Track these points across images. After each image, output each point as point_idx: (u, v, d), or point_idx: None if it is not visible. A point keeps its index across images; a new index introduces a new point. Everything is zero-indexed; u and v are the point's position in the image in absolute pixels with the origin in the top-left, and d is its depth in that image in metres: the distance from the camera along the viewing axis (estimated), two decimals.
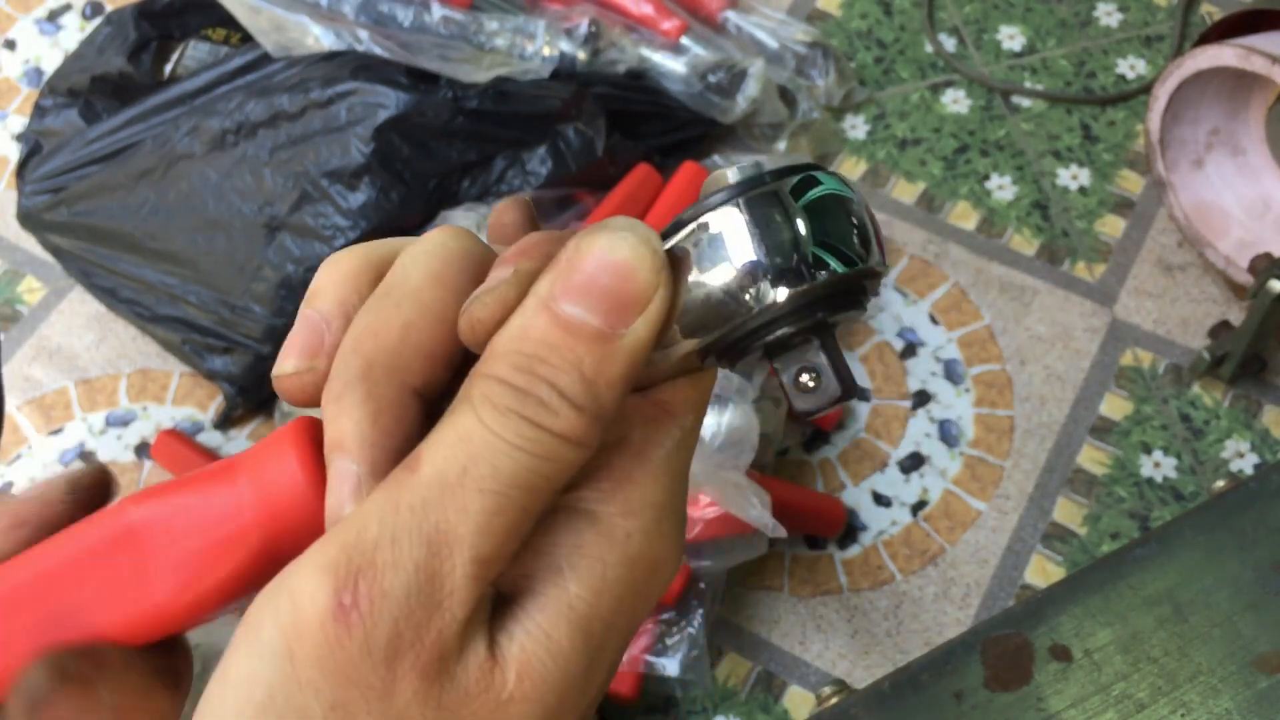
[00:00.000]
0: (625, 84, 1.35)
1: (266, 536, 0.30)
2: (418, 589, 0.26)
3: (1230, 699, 0.57)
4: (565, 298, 0.26)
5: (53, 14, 1.56)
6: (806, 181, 0.28)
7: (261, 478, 0.30)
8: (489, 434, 0.27)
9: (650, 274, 0.26)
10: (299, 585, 0.27)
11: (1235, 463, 1.21)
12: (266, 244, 1.23)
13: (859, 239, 0.28)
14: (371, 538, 0.27)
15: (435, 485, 0.27)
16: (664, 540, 0.30)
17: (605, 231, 0.27)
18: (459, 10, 1.34)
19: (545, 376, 0.26)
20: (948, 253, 1.34)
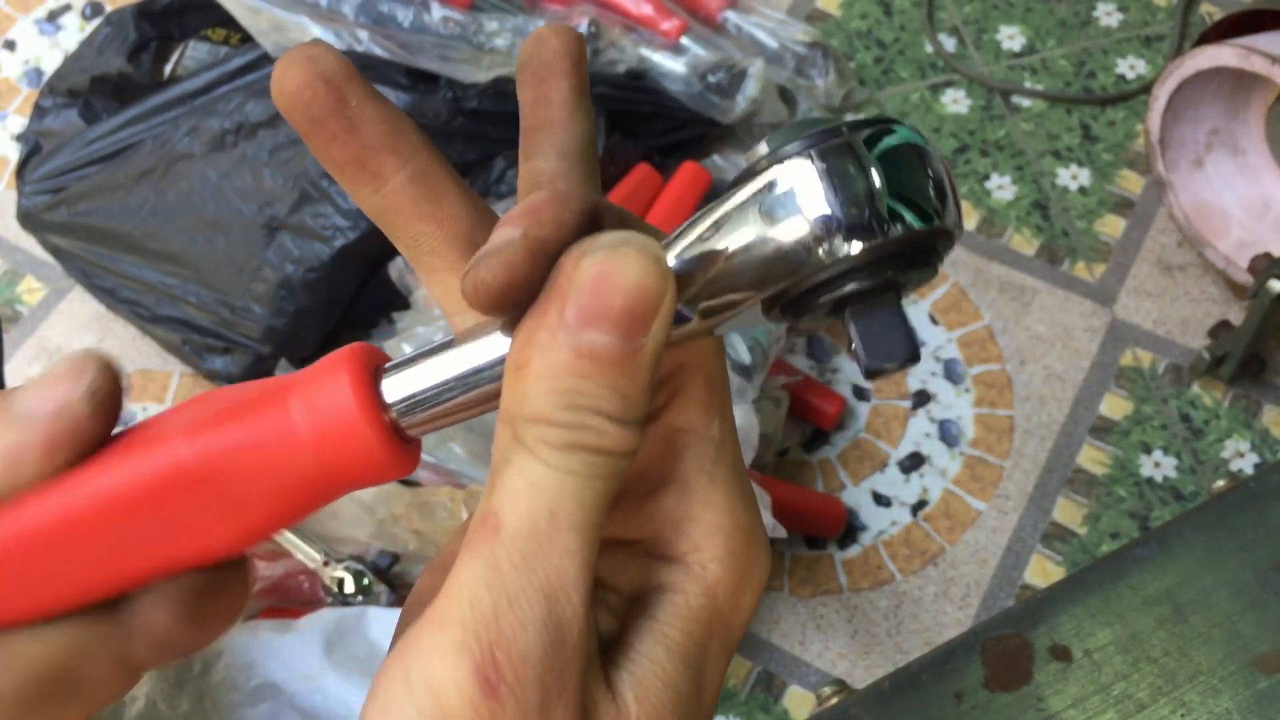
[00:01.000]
0: (625, 84, 1.35)
1: (317, 458, 0.29)
2: (550, 643, 0.27)
3: (1230, 699, 0.57)
4: (584, 328, 0.27)
5: (52, 14, 1.56)
6: (881, 133, 0.28)
7: (314, 405, 0.29)
8: (560, 474, 0.27)
9: (658, 282, 0.27)
10: (436, 674, 0.27)
11: (1235, 462, 1.21)
12: (266, 244, 1.23)
13: (935, 193, 0.28)
14: (488, 607, 0.27)
15: (529, 537, 0.27)
16: (739, 560, 0.31)
17: (604, 251, 0.27)
18: (459, 10, 1.34)
19: (589, 406, 0.27)
20: None
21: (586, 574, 0.28)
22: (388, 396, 0.30)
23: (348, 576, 1.09)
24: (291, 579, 1.13)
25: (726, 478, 0.32)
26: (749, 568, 0.31)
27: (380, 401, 0.30)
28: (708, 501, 0.31)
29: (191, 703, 0.97)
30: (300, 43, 0.31)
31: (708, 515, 0.31)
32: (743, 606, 0.31)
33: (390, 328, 1.24)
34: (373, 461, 0.30)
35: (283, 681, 0.98)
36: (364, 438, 0.29)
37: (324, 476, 0.30)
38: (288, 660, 0.99)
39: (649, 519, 0.32)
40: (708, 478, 0.31)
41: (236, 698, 0.97)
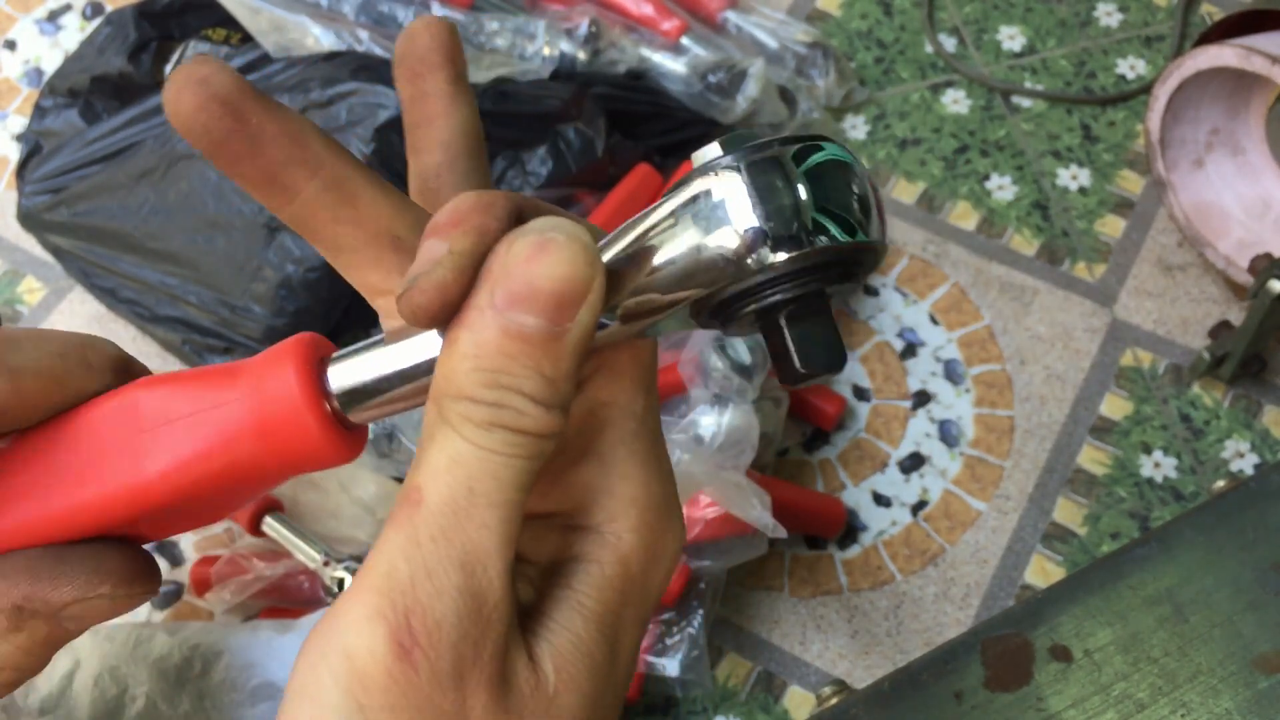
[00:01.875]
0: (625, 84, 1.35)
1: (258, 440, 0.30)
2: (466, 611, 0.28)
3: (1230, 699, 0.57)
4: (511, 308, 0.27)
5: (53, 14, 1.56)
6: (809, 149, 0.28)
7: (259, 384, 0.31)
8: (481, 451, 0.28)
9: (586, 268, 0.27)
10: (351, 640, 0.28)
11: (1235, 463, 1.21)
12: (266, 244, 1.23)
13: (860, 208, 0.28)
14: (405, 576, 0.28)
15: (449, 511, 0.28)
16: (653, 531, 0.32)
17: (533, 235, 0.28)
18: (459, 10, 1.34)
19: (512, 386, 0.28)
20: (948, 253, 1.34)
21: (505, 548, 0.28)
22: (332, 385, 0.31)
23: (348, 576, 1.09)
24: (291, 579, 1.13)
25: (644, 450, 0.33)
26: (661, 537, 0.32)
27: (324, 390, 0.31)
28: (625, 474, 0.32)
29: (191, 703, 0.97)
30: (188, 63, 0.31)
31: (623, 487, 0.32)
32: (656, 575, 0.32)
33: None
34: (315, 448, 0.31)
35: (283, 681, 0.98)
36: (307, 425, 0.30)
37: (268, 462, 0.31)
38: (288, 660, 0.99)
39: (568, 491, 0.33)
40: (626, 450, 0.32)
41: (237, 697, 0.97)
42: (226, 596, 1.11)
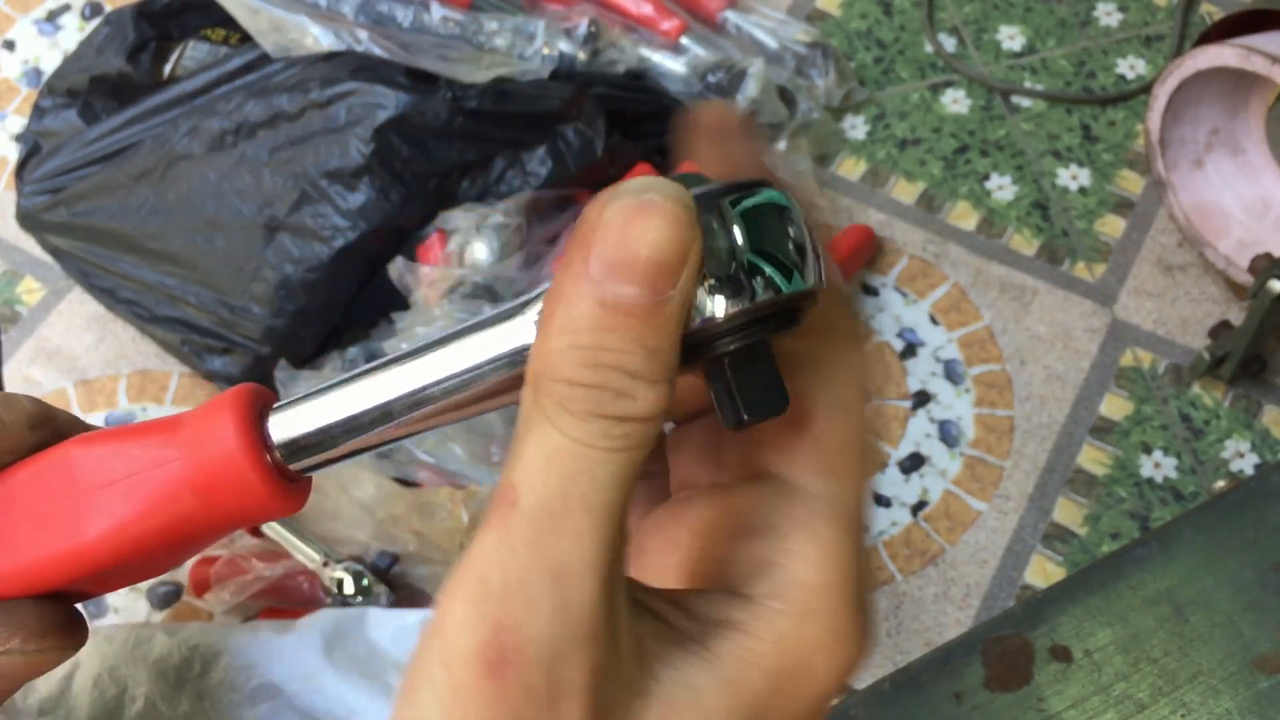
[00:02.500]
0: (625, 84, 1.35)
1: (199, 497, 0.30)
2: (562, 627, 0.26)
3: (1230, 699, 0.57)
4: (608, 280, 0.25)
5: (52, 14, 1.56)
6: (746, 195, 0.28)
7: (198, 436, 0.30)
8: (578, 445, 0.26)
9: (688, 229, 0.25)
10: (447, 650, 0.26)
11: (1235, 463, 1.21)
12: (266, 244, 1.23)
13: (798, 253, 0.28)
14: (498, 585, 0.26)
15: (542, 515, 0.26)
16: (821, 621, 0.29)
17: (629, 198, 0.25)
18: (459, 10, 1.34)
19: (613, 364, 0.25)
20: (948, 253, 1.34)
21: (603, 559, 0.26)
22: (274, 436, 0.30)
23: (347, 577, 1.09)
24: (291, 579, 1.13)
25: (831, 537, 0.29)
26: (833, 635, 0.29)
27: (265, 442, 0.30)
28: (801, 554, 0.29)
29: (191, 703, 0.97)
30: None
31: (797, 566, 0.29)
32: (816, 676, 0.28)
33: (390, 328, 1.24)
34: (257, 502, 0.30)
35: (282, 682, 0.98)
36: (247, 479, 0.29)
37: (210, 517, 0.30)
38: (287, 661, 0.99)
39: (733, 565, 0.30)
40: (807, 532, 0.29)
41: (236, 698, 0.97)
42: (226, 597, 1.11)
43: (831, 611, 0.29)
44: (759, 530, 0.30)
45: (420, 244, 1.24)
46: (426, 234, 1.24)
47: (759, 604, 0.28)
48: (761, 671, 0.28)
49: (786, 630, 0.28)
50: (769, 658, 0.28)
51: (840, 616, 0.29)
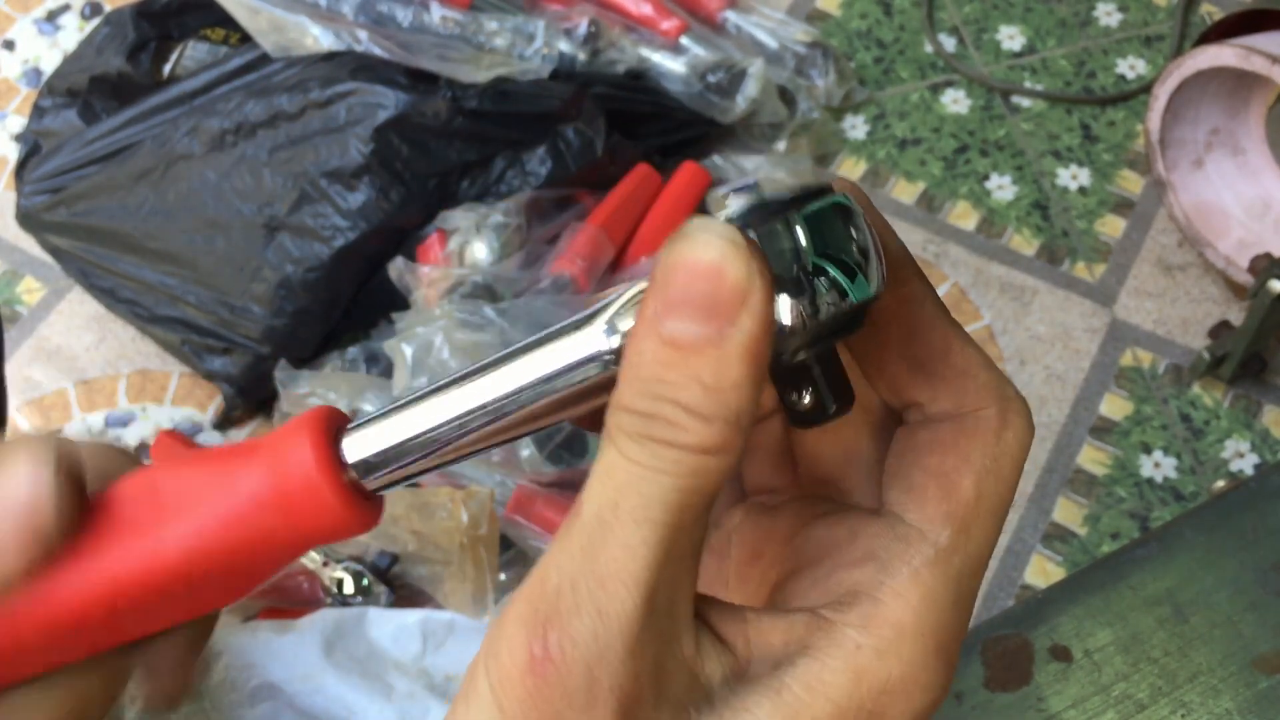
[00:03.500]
0: (625, 84, 1.35)
1: (277, 514, 0.31)
2: (605, 632, 0.26)
3: (1230, 699, 0.57)
4: (668, 316, 0.26)
5: (51, 14, 1.56)
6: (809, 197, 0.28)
7: (277, 457, 0.31)
8: (629, 463, 0.27)
9: (741, 266, 0.26)
10: (501, 642, 0.27)
11: (1235, 463, 1.21)
12: (265, 244, 1.23)
13: (864, 259, 0.28)
14: (554, 586, 0.27)
15: (596, 524, 0.27)
16: (904, 664, 0.28)
17: (685, 239, 0.26)
18: (458, 10, 1.34)
19: (668, 396, 0.26)
20: (948, 253, 1.34)
21: (649, 575, 0.26)
22: (348, 456, 0.31)
23: (347, 577, 1.09)
24: (291, 579, 1.13)
25: (938, 590, 0.29)
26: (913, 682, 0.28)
27: (340, 462, 0.31)
28: (901, 594, 0.29)
29: (191, 703, 0.97)
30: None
31: (893, 604, 0.28)
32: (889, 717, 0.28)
33: (390, 328, 1.24)
34: (334, 520, 0.31)
35: (282, 682, 0.98)
36: (324, 497, 0.30)
37: (287, 535, 0.31)
38: (287, 660, 0.99)
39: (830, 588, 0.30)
40: (913, 575, 0.29)
41: (236, 698, 0.97)
42: None
43: (916, 659, 0.28)
44: (861, 560, 0.30)
45: (420, 244, 1.24)
46: (426, 234, 1.24)
47: (840, 631, 0.28)
48: (828, 702, 0.28)
49: (864, 665, 0.28)
50: (839, 690, 0.28)
51: (924, 665, 0.28)
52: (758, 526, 0.34)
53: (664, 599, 0.27)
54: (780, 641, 0.29)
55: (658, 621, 0.27)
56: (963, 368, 0.30)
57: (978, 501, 0.29)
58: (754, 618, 0.29)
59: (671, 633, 0.28)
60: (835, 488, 0.34)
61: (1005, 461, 0.30)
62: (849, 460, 0.34)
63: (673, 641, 0.28)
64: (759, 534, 0.34)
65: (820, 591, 0.30)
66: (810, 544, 0.32)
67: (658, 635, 0.27)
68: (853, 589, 0.29)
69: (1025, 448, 0.30)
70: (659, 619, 0.27)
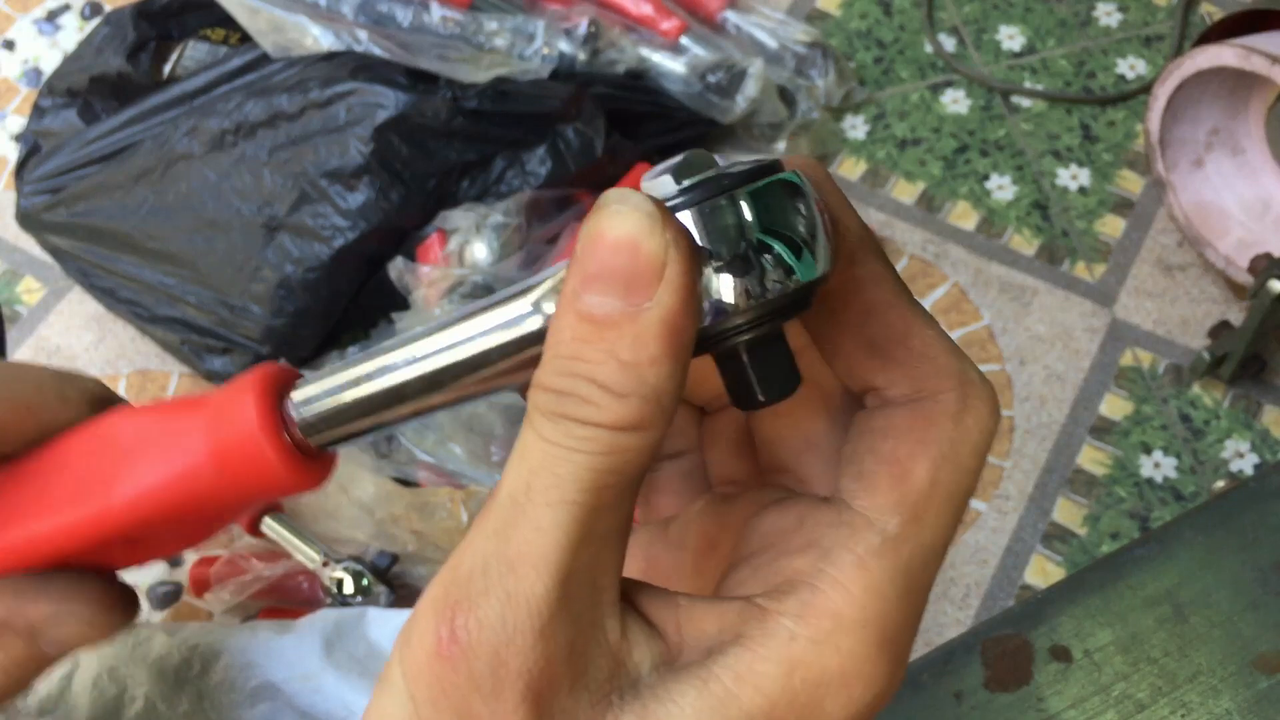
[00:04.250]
0: (625, 84, 1.35)
1: (219, 470, 0.31)
2: (513, 615, 0.26)
3: (1230, 699, 0.57)
4: (585, 290, 0.25)
5: (51, 14, 1.56)
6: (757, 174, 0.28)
7: (220, 415, 0.31)
8: (543, 442, 0.26)
9: (655, 239, 0.25)
10: (412, 628, 0.27)
11: (1235, 463, 1.21)
12: (265, 244, 1.23)
13: (811, 237, 0.27)
14: (466, 570, 0.26)
15: (509, 505, 0.26)
16: (842, 656, 0.27)
17: (601, 211, 0.26)
18: (458, 10, 1.34)
19: (583, 374, 0.26)
20: (948, 253, 1.34)
21: (562, 557, 0.26)
22: (295, 413, 0.31)
23: (347, 577, 1.09)
24: (291, 579, 1.13)
25: (884, 580, 0.27)
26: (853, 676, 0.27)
27: (284, 418, 0.31)
28: (842, 583, 0.27)
29: (190, 703, 0.97)
30: None
31: (833, 594, 0.27)
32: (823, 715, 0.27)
33: (390, 328, 1.24)
34: (276, 477, 0.31)
35: (282, 682, 0.98)
36: (265, 454, 0.31)
37: (230, 490, 0.31)
38: (287, 661, 0.99)
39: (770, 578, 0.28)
40: (857, 565, 0.27)
41: (235, 698, 0.97)
42: (225, 597, 1.11)
43: (857, 651, 0.27)
44: (803, 547, 0.28)
45: (420, 244, 1.24)
46: (426, 234, 1.24)
47: (774, 620, 0.27)
48: (758, 693, 0.27)
49: (798, 656, 0.27)
50: (770, 681, 0.27)
51: (865, 658, 0.27)
52: (715, 517, 0.33)
53: (581, 582, 0.26)
54: (714, 630, 0.28)
55: (574, 605, 0.26)
56: (921, 350, 0.29)
57: (932, 489, 0.28)
58: (687, 604, 0.28)
59: (591, 617, 0.27)
60: (793, 475, 0.33)
61: (964, 448, 0.29)
62: (806, 446, 0.32)
63: (593, 626, 0.27)
64: (715, 524, 0.33)
65: (760, 580, 0.29)
66: (758, 532, 0.31)
67: (574, 619, 0.26)
68: (792, 577, 0.28)
69: (988, 433, 0.29)
70: (575, 603, 0.26)
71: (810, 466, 0.32)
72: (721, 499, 0.34)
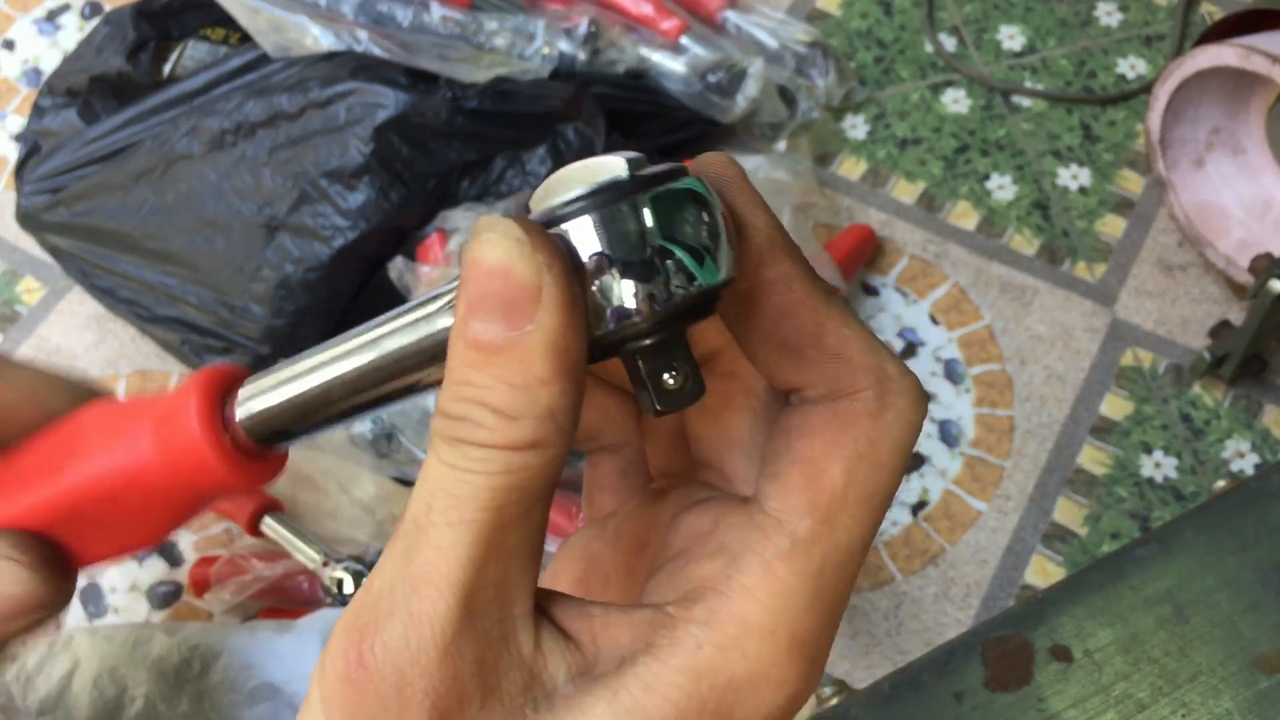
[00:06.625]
0: (625, 84, 1.35)
1: (162, 470, 0.32)
2: (416, 636, 0.26)
3: (1231, 699, 0.57)
4: (471, 317, 0.26)
5: (51, 14, 1.56)
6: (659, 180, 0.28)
7: (164, 418, 0.32)
8: (442, 465, 0.26)
9: (527, 263, 0.26)
10: (329, 648, 0.27)
11: (1236, 463, 1.21)
12: (265, 244, 1.23)
13: (713, 243, 0.27)
14: (375, 592, 0.27)
15: (412, 528, 0.27)
16: (749, 661, 0.27)
17: (475, 238, 0.26)
18: (458, 10, 1.34)
19: (474, 398, 0.26)
20: (948, 253, 1.34)
21: (464, 576, 0.26)
22: (239, 413, 0.32)
23: (347, 577, 1.09)
24: (291, 579, 1.13)
25: (792, 585, 0.27)
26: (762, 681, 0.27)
27: (225, 419, 0.32)
28: (749, 589, 0.27)
29: (190, 703, 0.97)
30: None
31: (740, 601, 0.27)
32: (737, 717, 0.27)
33: None
34: (217, 477, 0.32)
35: (282, 682, 0.98)
36: (205, 455, 0.32)
37: (174, 489, 0.33)
38: (287, 661, 0.99)
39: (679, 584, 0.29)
40: (764, 570, 0.27)
41: (235, 698, 0.97)
42: (225, 597, 1.11)
43: (765, 655, 0.27)
44: (714, 552, 0.28)
45: (420, 244, 1.24)
46: (426, 234, 1.24)
47: (681, 628, 0.27)
48: (666, 702, 0.27)
49: (704, 664, 0.27)
50: (679, 690, 0.27)
51: (774, 663, 0.27)
52: (645, 514, 0.33)
53: (488, 599, 0.26)
54: (627, 639, 0.28)
55: (480, 622, 0.26)
56: (836, 349, 0.29)
57: (847, 489, 0.28)
58: (600, 614, 0.28)
59: (501, 632, 0.27)
60: (719, 473, 0.33)
61: (883, 446, 0.28)
62: (728, 444, 0.33)
63: (504, 641, 0.27)
64: (646, 522, 0.33)
65: (673, 586, 0.29)
66: (677, 535, 0.31)
67: (481, 636, 0.26)
68: (700, 583, 0.28)
69: (910, 429, 0.29)
70: (482, 620, 0.26)
71: (734, 464, 0.33)
72: (653, 496, 0.34)
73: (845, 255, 1.28)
